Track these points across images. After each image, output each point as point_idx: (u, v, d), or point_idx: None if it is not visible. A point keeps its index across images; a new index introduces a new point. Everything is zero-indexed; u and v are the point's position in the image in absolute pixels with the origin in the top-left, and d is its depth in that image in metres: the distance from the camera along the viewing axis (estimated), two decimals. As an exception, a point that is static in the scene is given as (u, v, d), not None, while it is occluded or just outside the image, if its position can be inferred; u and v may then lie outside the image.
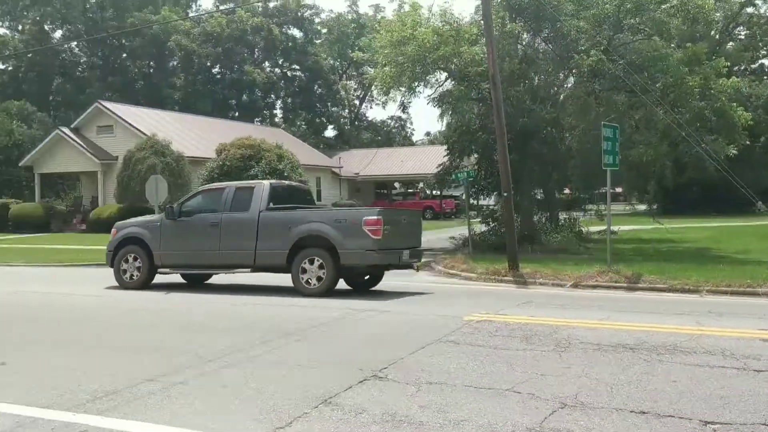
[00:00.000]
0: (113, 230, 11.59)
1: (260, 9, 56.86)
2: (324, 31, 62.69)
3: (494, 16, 15.61)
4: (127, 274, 11.14)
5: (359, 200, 42.60)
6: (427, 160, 38.48)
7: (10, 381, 5.54)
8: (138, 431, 4.20)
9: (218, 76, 56.97)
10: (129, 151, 29.22)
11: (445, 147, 21.04)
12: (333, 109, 61.58)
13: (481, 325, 7.53)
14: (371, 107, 72.07)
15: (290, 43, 58.49)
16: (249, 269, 10.14)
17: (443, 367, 5.55)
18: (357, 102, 64.69)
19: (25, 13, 55.81)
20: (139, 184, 25.23)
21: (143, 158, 28.04)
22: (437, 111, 21.77)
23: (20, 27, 56.74)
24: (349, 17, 63.01)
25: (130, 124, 32.23)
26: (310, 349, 6.43)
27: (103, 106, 33.67)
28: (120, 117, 32.76)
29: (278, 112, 62.08)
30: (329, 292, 9.59)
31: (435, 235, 23.31)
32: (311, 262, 9.60)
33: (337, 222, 9.54)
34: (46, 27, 55.66)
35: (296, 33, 59.79)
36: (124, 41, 55.23)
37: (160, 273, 11.07)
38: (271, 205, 10.22)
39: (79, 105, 50.25)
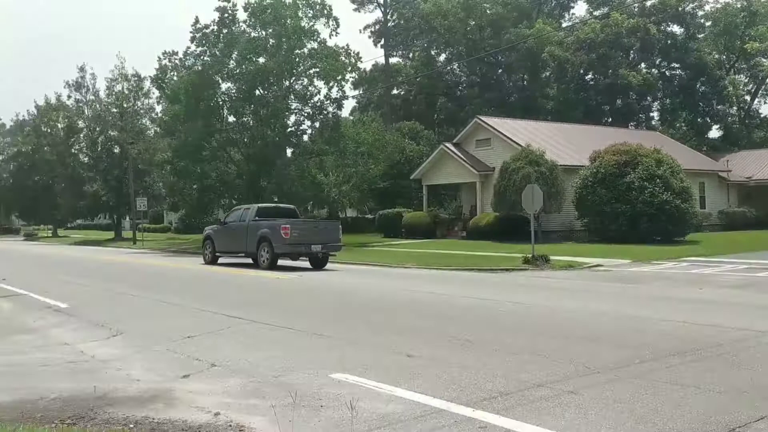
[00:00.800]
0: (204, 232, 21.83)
1: (636, 10, 54.81)
2: (708, 23, 58.22)
3: None
4: (205, 256, 21.10)
5: (751, 207, 37.80)
6: None
7: (420, 372, 6.38)
8: (533, 435, 4.39)
9: (591, 83, 56.48)
10: (505, 162, 30.48)
11: None
12: (718, 107, 56.80)
13: None
14: (766, 102, 62.59)
15: (669, 41, 55.97)
16: (243, 254, 19.20)
17: None
18: (747, 98, 58.44)
19: (415, 42, 63.95)
20: (515, 194, 26.44)
21: (518, 168, 28.98)
22: None
23: (411, 55, 65.44)
24: (738, 6, 56.69)
25: (505, 136, 33.82)
26: (709, 371, 6.04)
27: (482, 120, 36.10)
28: (496, 130, 34.65)
29: (654, 114, 59.20)
30: (272, 267, 17.86)
31: None
32: (264, 249, 17.91)
33: (273, 228, 17.56)
34: (432, 52, 62.82)
35: (676, 29, 57.28)
36: (500, 57, 58.65)
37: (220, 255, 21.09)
38: (256, 218, 18.88)
39: (459, 121, 55.31)
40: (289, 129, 34.13)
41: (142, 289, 14.81)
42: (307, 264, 19.96)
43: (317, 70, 32.63)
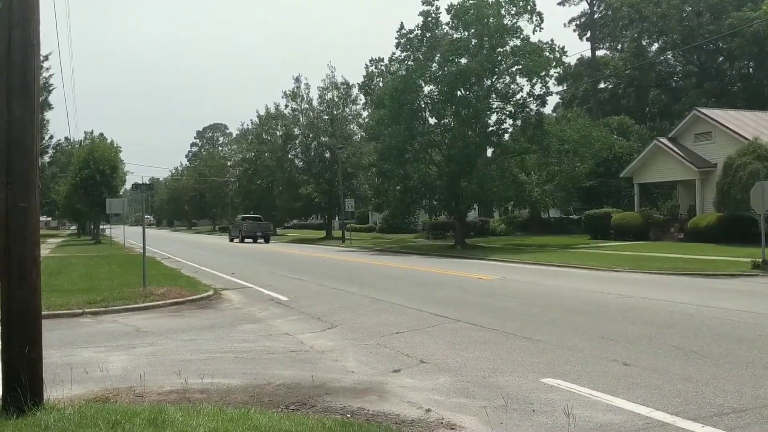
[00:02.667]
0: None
1: None
2: None
3: None
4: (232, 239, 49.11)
5: None
6: None
7: (638, 382, 6.03)
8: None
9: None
10: (729, 158, 27.70)
11: None
12: None
13: None
14: None
15: None
16: (238, 239, 47.51)
17: None
18: None
19: (624, 32, 60.26)
20: (741, 192, 24.30)
21: (745, 164, 26.14)
22: None
23: (619, 46, 61.80)
24: None
25: (729, 129, 30.63)
26: None
27: (701, 113, 33.01)
28: (718, 122, 31.50)
29: None
30: (242, 241, 46.18)
31: None
32: (238, 234, 47.76)
33: (240, 224, 48.37)
34: (643, 42, 58.74)
35: None
36: (720, 44, 53.23)
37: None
38: (245, 219, 49.70)
39: (674, 114, 50.97)
40: (490, 128, 33.93)
41: (352, 285, 15.71)
42: (517, 265, 20.55)
43: (520, 67, 32.04)
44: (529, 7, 32.23)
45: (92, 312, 11.54)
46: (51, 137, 59.53)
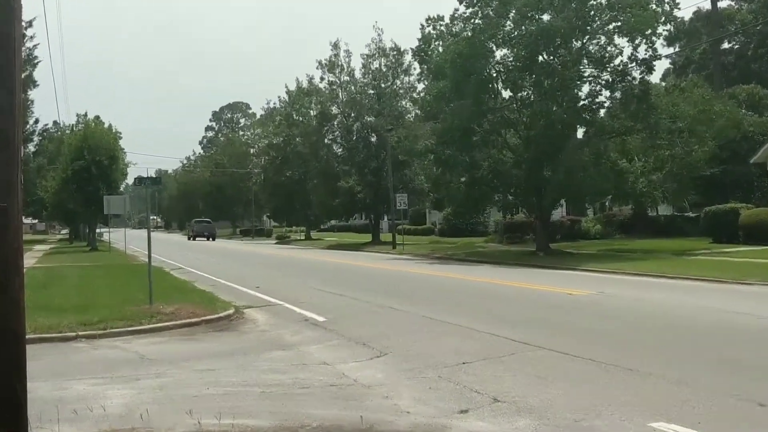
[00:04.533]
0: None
1: None
2: None
3: None
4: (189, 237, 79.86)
5: None
6: None
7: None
8: None
9: None
10: None
11: None
12: None
13: None
14: None
15: None
16: (190, 238, 77.92)
17: None
18: None
19: (757, -25, 58.50)
20: None
21: None
22: None
23: (750, -5, 60.08)
24: None
25: None
26: None
27: None
28: None
29: None
30: (190, 239, 76.14)
31: None
32: (192, 233, 79.23)
33: (192, 225, 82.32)
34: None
35: None
36: None
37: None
38: (196, 222, 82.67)
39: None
40: (581, 102, 33.40)
41: (406, 302, 15.73)
42: (617, 276, 20.75)
43: (618, 24, 31.39)
44: (629, -54, 31.58)
45: (87, 335, 11.85)
46: (36, 121, 61.82)
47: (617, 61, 32.63)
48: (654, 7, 31.20)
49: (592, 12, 31.83)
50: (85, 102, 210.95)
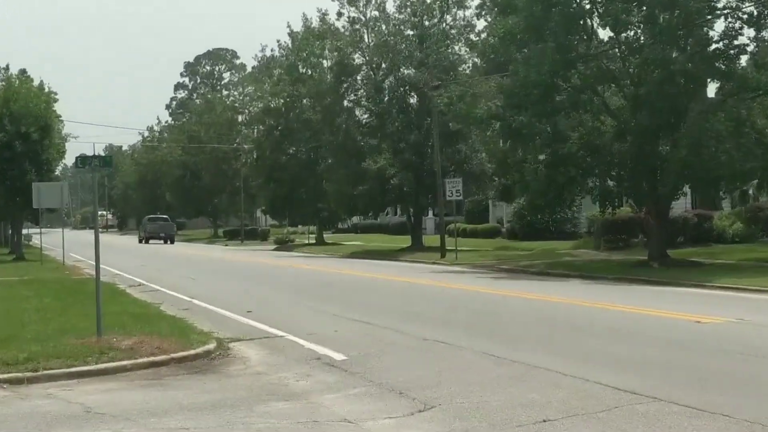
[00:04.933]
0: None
1: None
2: None
3: None
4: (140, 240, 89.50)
5: None
6: None
7: None
8: None
9: None
10: None
11: None
12: None
13: None
14: None
15: None
16: (141, 240, 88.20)
17: None
18: None
19: None
20: None
21: None
22: None
23: None
24: None
25: None
26: None
27: None
28: None
29: None
30: (142, 242, 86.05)
31: None
32: (144, 234, 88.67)
33: (145, 224, 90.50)
34: None
35: None
36: None
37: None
38: (149, 220, 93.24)
39: None
40: (714, 46, 33.13)
41: (459, 333, 15.74)
42: (756, 296, 20.78)
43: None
44: None
45: (11, 379, 11.97)
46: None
47: (765, -13, 32.32)
48: None
49: None
50: (4, 50, 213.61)
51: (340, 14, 57.97)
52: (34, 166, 44.66)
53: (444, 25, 54.70)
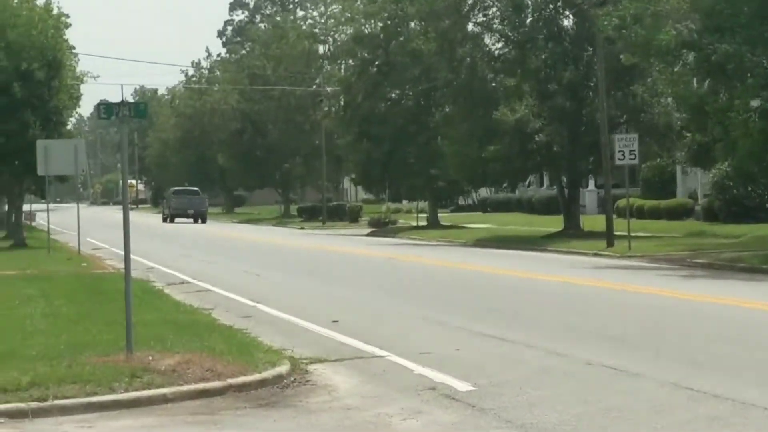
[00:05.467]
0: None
1: None
2: None
3: None
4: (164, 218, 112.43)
5: None
6: None
7: None
8: None
9: None
10: None
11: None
12: None
13: None
14: None
15: None
16: (169, 219, 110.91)
17: None
18: None
19: None
20: None
21: None
22: None
23: None
24: None
25: None
26: None
27: None
28: None
29: None
30: (167, 221, 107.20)
31: None
32: (168, 211, 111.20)
33: (171, 199, 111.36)
34: None
35: None
36: None
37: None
38: (175, 193, 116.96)
39: None
40: None
41: (639, 357, 15.68)
42: None
43: None
44: None
45: (10, 411, 12.20)
46: None
47: None
48: None
49: None
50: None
51: None
52: (38, 117, 44.72)
53: None
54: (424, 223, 70.79)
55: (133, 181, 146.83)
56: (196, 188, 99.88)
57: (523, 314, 21.77)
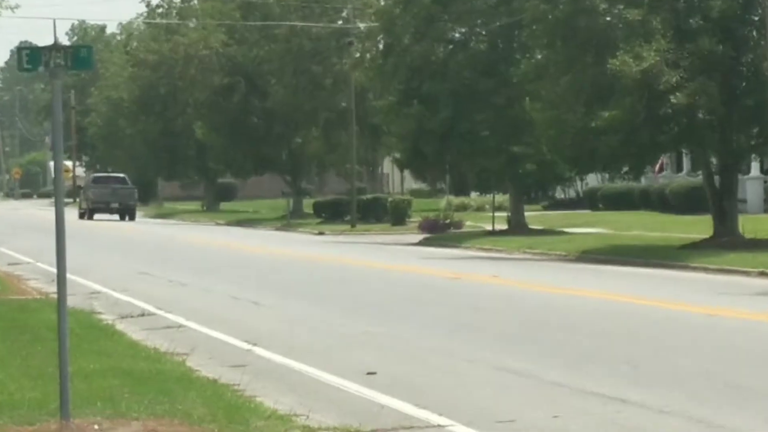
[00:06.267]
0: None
1: None
2: None
3: None
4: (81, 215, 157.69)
5: None
6: None
7: None
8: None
9: None
10: None
11: None
12: None
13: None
14: None
15: None
16: (83, 215, 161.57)
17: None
18: None
19: None
20: None
21: None
22: None
23: None
24: None
25: None
26: None
27: None
28: None
29: None
30: (84, 217, 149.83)
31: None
32: (86, 205, 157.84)
33: (89, 189, 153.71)
34: None
35: None
36: None
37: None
38: (94, 181, 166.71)
39: None
40: None
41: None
42: None
43: None
44: None
45: None
46: None
47: None
48: None
49: None
50: None
51: None
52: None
53: None
54: (503, 225, 71.00)
55: (69, 163, 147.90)
56: (122, 174, 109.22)
57: (645, 361, 21.70)
